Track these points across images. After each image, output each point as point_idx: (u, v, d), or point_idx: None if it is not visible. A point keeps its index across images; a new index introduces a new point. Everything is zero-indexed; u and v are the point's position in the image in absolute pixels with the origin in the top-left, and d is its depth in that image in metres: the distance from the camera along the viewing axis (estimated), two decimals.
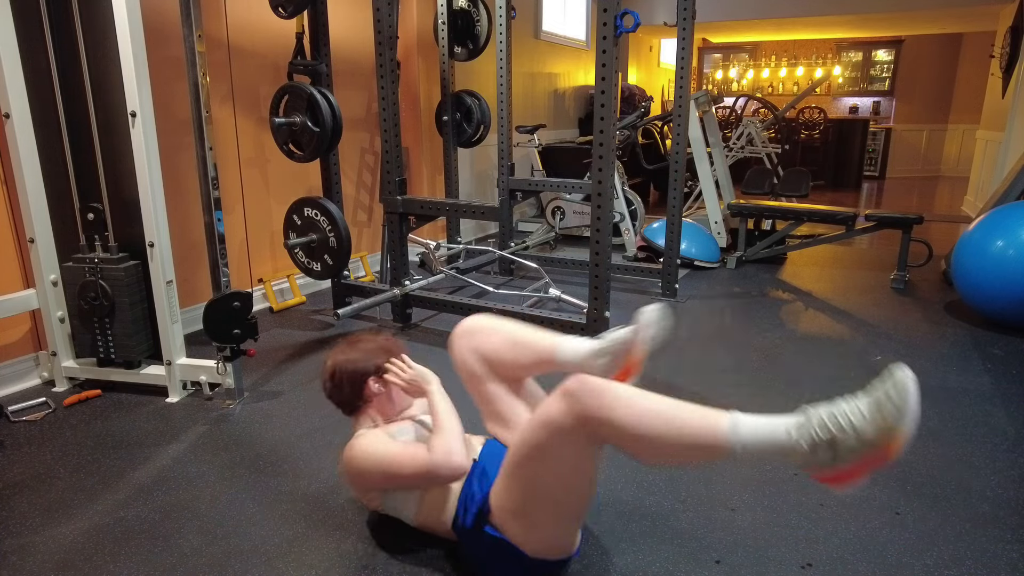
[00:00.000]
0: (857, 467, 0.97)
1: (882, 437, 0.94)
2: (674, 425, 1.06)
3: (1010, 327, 2.95)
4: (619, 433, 1.09)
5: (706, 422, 1.06)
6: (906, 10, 6.20)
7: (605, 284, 2.45)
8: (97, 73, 2.16)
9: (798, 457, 1.01)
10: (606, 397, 1.10)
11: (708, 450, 1.06)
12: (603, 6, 2.23)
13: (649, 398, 1.11)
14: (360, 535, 1.53)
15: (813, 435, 0.98)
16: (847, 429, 0.96)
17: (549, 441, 1.16)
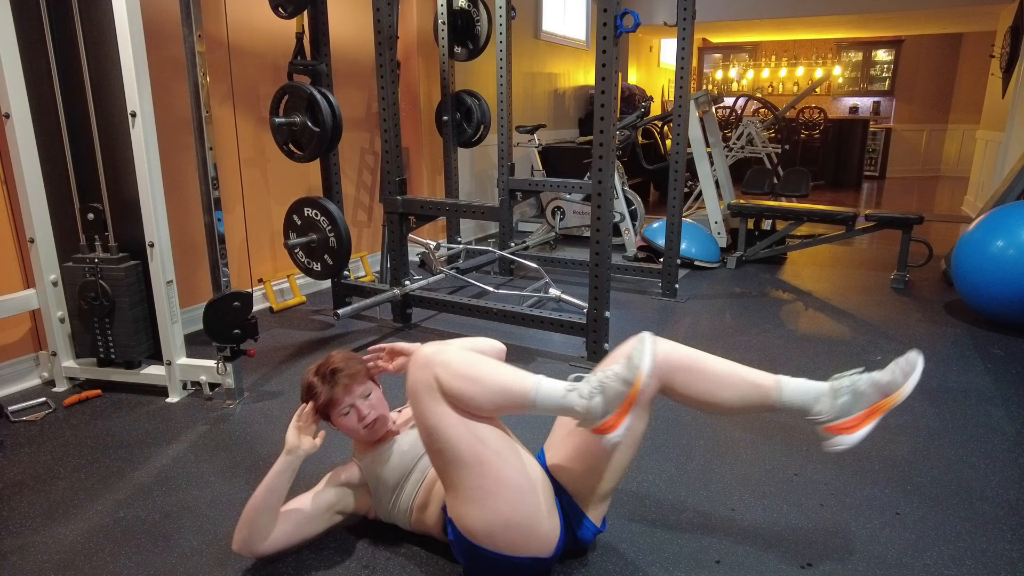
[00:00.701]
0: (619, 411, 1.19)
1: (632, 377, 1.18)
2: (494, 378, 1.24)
3: (1010, 327, 2.95)
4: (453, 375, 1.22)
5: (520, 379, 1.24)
6: (906, 10, 6.20)
7: (605, 284, 2.45)
8: (97, 73, 2.16)
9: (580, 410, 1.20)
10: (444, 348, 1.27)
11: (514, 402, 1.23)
12: (603, 6, 2.23)
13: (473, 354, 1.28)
14: (360, 535, 1.53)
15: (590, 385, 1.21)
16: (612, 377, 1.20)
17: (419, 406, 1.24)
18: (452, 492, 1.27)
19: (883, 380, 1.30)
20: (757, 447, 1.93)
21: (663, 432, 2.02)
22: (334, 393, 1.45)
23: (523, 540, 1.25)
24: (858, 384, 1.30)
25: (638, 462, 1.84)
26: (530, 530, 1.25)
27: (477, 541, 1.25)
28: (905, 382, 1.29)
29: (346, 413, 1.45)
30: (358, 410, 1.45)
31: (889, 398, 1.28)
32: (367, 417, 1.45)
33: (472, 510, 1.24)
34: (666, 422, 2.08)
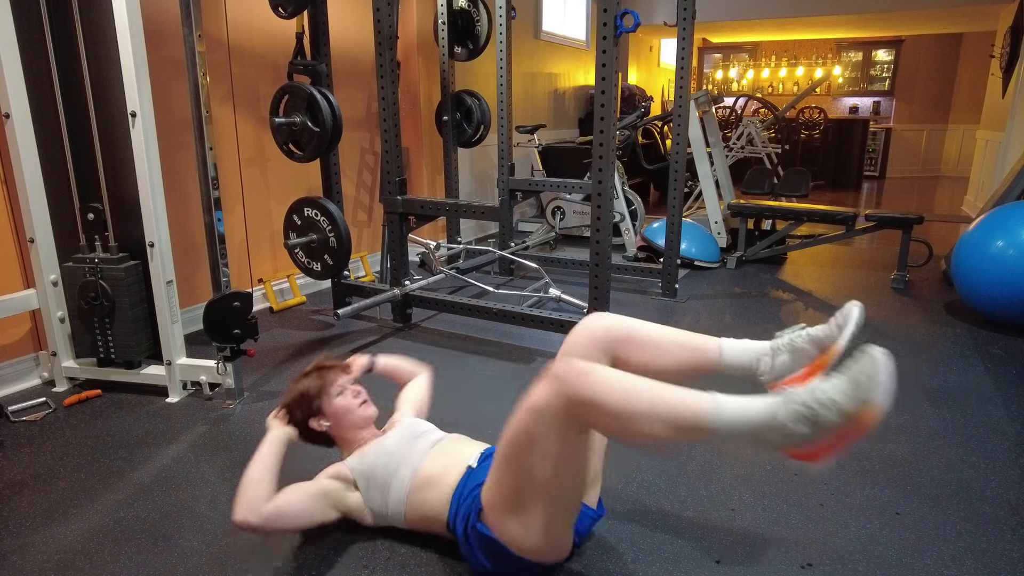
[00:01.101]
0: (833, 441, 1.02)
1: (858, 410, 0.99)
2: (658, 405, 1.07)
3: (1010, 327, 2.95)
4: (604, 413, 1.09)
5: (689, 402, 1.07)
6: (906, 10, 6.20)
7: (605, 284, 2.45)
8: (97, 73, 2.16)
9: (777, 434, 1.03)
10: (592, 376, 1.10)
11: (691, 430, 1.07)
12: (603, 6, 2.23)
13: (633, 379, 1.12)
14: (360, 535, 1.53)
15: (795, 410, 1.01)
16: (827, 403, 1.00)
17: (536, 427, 1.14)
18: (507, 510, 1.24)
19: (819, 335, 1.25)
20: None
21: None
22: (327, 377, 1.54)
23: (553, 553, 1.32)
24: (795, 341, 1.26)
25: (638, 462, 1.84)
26: (562, 545, 1.32)
27: (507, 544, 1.27)
28: (840, 335, 1.22)
29: (340, 393, 1.53)
30: (352, 390, 1.55)
31: (827, 353, 1.22)
32: (361, 394, 1.57)
33: (517, 529, 1.25)
34: None
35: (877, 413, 0.98)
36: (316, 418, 1.54)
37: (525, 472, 1.19)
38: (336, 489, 1.49)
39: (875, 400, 0.98)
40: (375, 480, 1.47)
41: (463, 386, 2.36)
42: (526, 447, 1.18)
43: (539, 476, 1.18)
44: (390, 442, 1.52)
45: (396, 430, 1.58)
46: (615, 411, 1.08)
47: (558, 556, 1.34)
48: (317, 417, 1.54)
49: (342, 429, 1.55)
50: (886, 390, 0.98)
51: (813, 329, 1.25)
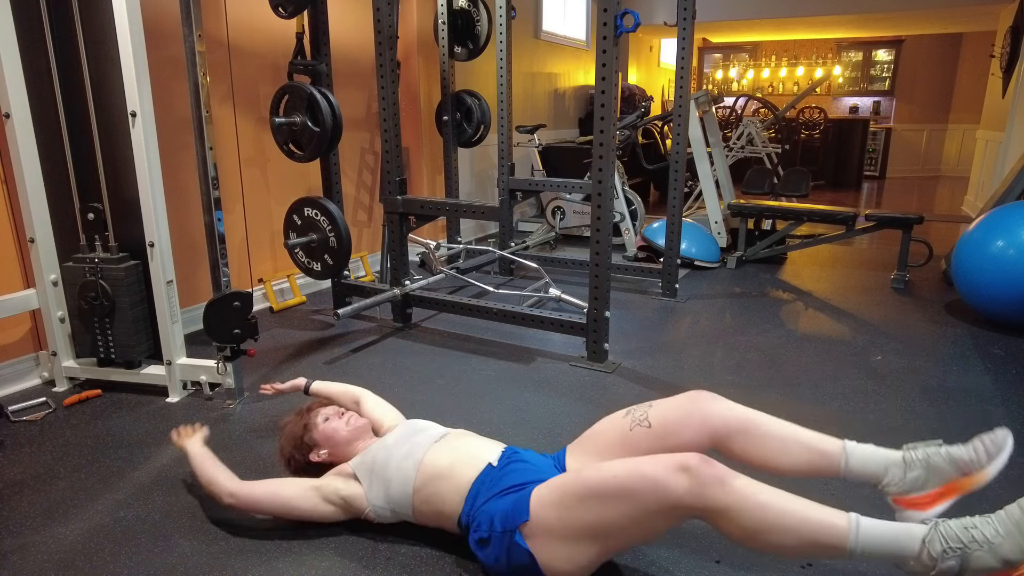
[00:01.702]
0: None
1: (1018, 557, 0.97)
2: (793, 522, 1.08)
3: (1010, 327, 2.95)
4: (735, 522, 1.11)
5: (827, 522, 1.07)
6: (906, 10, 6.20)
7: (605, 284, 2.45)
8: (97, 73, 2.16)
9: (922, 566, 1.02)
10: (730, 487, 1.11)
11: (824, 548, 1.08)
12: (603, 6, 2.23)
13: (768, 491, 1.12)
14: (361, 534, 1.53)
15: (947, 548, 1.00)
16: (984, 546, 0.99)
17: (646, 497, 1.13)
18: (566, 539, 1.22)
19: (963, 457, 1.18)
20: None
21: None
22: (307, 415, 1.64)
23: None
24: (933, 458, 1.19)
25: None
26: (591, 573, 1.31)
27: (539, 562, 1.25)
28: (989, 464, 1.15)
29: (325, 419, 1.62)
30: (335, 414, 1.64)
31: (968, 478, 1.15)
32: (345, 413, 1.65)
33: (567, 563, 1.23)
34: None
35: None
36: (313, 452, 1.61)
37: (606, 520, 1.18)
38: (332, 483, 1.51)
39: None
40: (376, 472, 1.47)
41: (463, 386, 2.36)
42: (621, 502, 1.16)
43: (617, 531, 1.18)
44: (390, 439, 1.55)
45: (395, 430, 1.60)
46: (748, 523, 1.09)
47: None
48: (314, 451, 1.60)
49: (339, 448, 1.60)
50: None
51: (954, 448, 1.19)
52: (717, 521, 1.13)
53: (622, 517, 1.16)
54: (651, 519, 1.15)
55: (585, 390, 2.33)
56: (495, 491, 1.36)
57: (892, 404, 2.22)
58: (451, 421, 1.99)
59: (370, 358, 2.64)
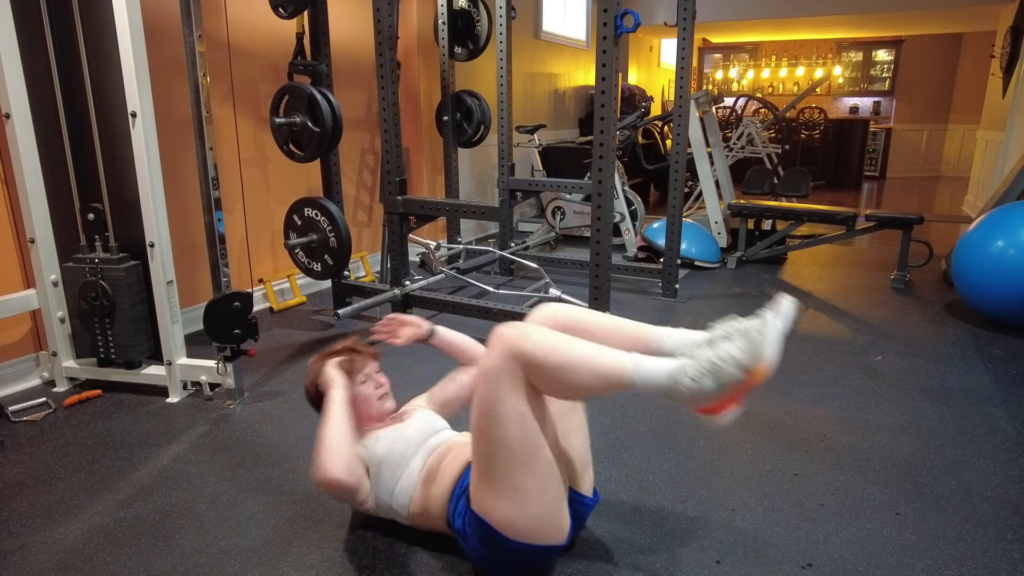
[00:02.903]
0: (732, 395, 1.13)
1: (753, 364, 1.11)
2: (588, 360, 1.19)
3: (1010, 327, 2.95)
4: (542, 367, 1.19)
5: (614, 359, 1.19)
6: (906, 10, 6.20)
7: (605, 284, 2.45)
8: (97, 73, 2.16)
9: (687, 389, 1.13)
10: (530, 333, 1.22)
11: (615, 383, 1.18)
12: (603, 6, 2.23)
13: (567, 338, 1.23)
14: (361, 535, 1.53)
15: (701, 366, 1.13)
16: (727, 360, 1.12)
17: (491, 391, 1.21)
18: (487, 484, 1.27)
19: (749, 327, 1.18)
20: (757, 447, 1.93)
21: (663, 432, 2.02)
22: (355, 362, 1.55)
23: (547, 533, 1.31)
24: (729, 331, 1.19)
25: (639, 462, 1.85)
26: (555, 524, 1.31)
27: (501, 530, 1.27)
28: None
29: (364, 381, 1.55)
30: (375, 380, 1.57)
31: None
32: (384, 385, 1.58)
33: (508, 507, 1.26)
34: (666, 422, 2.08)
35: (768, 368, 1.11)
36: None
37: (493, 440, 1.23)
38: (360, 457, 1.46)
39: (766, 355, 1.11)
40: (388, 465, 1.44)
41: None
42: (487, 415, 1.23)
43: (507, 441, 1.22)
44: (411, 431, 1.50)
45: (416, 420, 1.54)
46: (550, 364, 1.18)
47: (553, 536, 1.31)
48: None
49: (357, 417, 1.52)
50: (775, 347, 1.12)
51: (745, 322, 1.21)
52: (535, 374, 1.20)
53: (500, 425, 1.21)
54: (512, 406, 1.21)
55: None
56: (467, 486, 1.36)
57: (892, 404, 2.22)
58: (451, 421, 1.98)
59: None
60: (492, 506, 1.27)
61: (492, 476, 1.26)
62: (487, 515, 1.27)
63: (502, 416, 1.21)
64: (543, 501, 1.27)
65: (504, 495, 1.25)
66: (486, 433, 1.24)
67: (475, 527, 1.30)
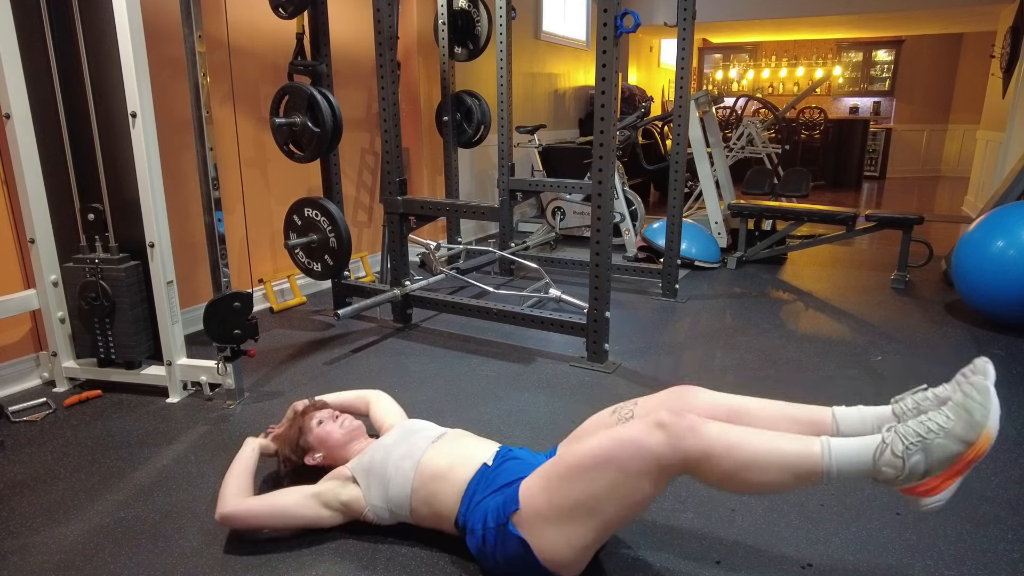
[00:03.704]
0: (950, 471, 1.03)
1: (974, 434, 1.00)
2: (768, 456, 1.10)
3: (1010, 327, 2.95)
4: (716, 465, 1.11)
5: (800, 447, 1.09)
6: (906, 10, 6.20)
7: (605, 284, 2.45)
8: (97, 73, 2.16)
9: (893, 468, 1.04)
10: (705, 430, 1.13)
11: (802, 476, 1.09)
12: (603, 6, 2.23)
13: (741, 431, 1.14)
14: (361, 535, 1.53)
15: (907, 442, 1.03)
16: (938, 432, 1.02)
17: (629, 462, 1.15)
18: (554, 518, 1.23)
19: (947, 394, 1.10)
20: None
21: None
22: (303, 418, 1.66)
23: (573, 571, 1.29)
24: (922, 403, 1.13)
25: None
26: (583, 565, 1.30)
27: (540, 558, 1.25)
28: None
29: (319, 423, 1.64)
30: (330, 416, 1.65)
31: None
32: (339, 416, 1.66)
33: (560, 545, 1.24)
34: None
35: (992, 435, 1.00)
36: (308, 455, 1.63)
37: (594, 494, 1.18)
38: (331, 488, 1.51)
39: (990, 423, 1.00)
40: (375, 473, 1.48)
41: (463, 386, 2.36)
42: (604, 471, 1.17)
43: (605, 502, 1.18)
44: (388, 439, 1.55)
45: (393, 430, 1.61)
46: (727, 464, 1.11)
47: (575, 573, 1.31)
48: (309, 454, 1.63)
49: (334, 450, 1.62)
50: (997, 411, 1.01)
51: (938, 388, 1.15)
52: (699, 470, 1.14)
53: (607, 485, 1.17)
54: (635, 482, 1.15)
55: (585, 390, 2.33)
56: (489, 490, 1.36)
57: None
58: (451, 421, 1.99)
59: (370, 359, 2.63)
60: (542, 534, 1.24)
61: (565, 515, 1.22)
62: (531, 537, 1.25)
63: (619, 484, 1.16)
64: (591, 551, 1.27)
65: (563, 535, 1.23)
66: (590, 482, 1.18)
67: (506, 539, 1.29)
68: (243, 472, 1.57)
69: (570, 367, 2.54)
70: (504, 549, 1.29)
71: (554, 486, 1.23)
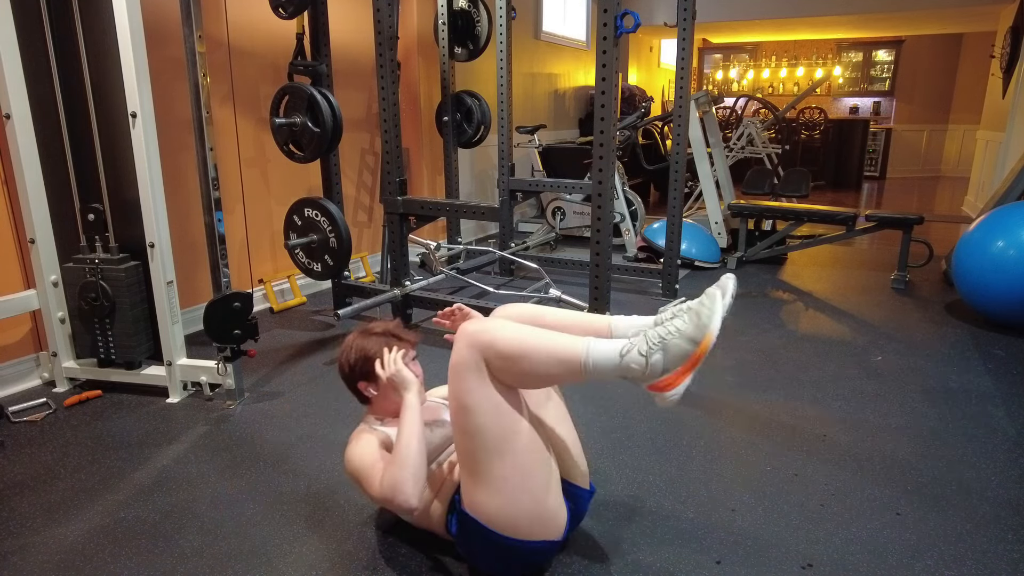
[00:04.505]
0: (683, 369, 1.18)
1: (700, 336, 1.16)
2: (545, 347, 1.22)
3: (1010, 327, 2.95)
4: (503, 356, 1.21)
5: (569, 344, 1.22)
6: (906, 10, 6.20)
7: (605, 284, 2.45)
8: (97, 73, 2.16)
9: (639, 365, 1.17)
10: (490, 325, 1.25)
11: (566, 365, 1.21)
12: (603, 6, 2.24)
13: (527, 328, 1.26)
14: (361, 535, 1.53)
15: (650, 343, 1.18)
16: (674, 333, 1.17)
17: (461, 385, 1.23)
18: (474, 479, 1.27)
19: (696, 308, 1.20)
20: (757, 447, 1.93)
21: (663, 433, 2.02)
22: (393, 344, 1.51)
23: (540, 527, 1.30)
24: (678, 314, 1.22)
25: (639, 462, 1.84)
26: (549, 517, 1.31)
27: (494, 528, 1.26)
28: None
29: (415, 358, 1.54)
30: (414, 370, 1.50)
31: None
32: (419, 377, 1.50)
33: (494, 499, 1.25)
34: (666, 423, 2.08)
35: (713, 336, 1.16)
36: (367, 383, 1.50)
37: (470, 433, 1.24)
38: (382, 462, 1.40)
39: (712, 326, 1.15)
40: None
41: None
42: (460, 408, 1.24)
43: (482, 430, 1.23)
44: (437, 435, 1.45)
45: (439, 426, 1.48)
46: (510, 351, 1.21)
47: (549, 531, 1.30)
48: (369, 382, 1.50)
49: (387, 403, 1.50)
50: (719, 315, 1.16)
51: (693, 301, 1.23)
52: (497, 364, 1.22)
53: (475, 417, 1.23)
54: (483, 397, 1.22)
55: (585, 390, 2.33)
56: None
57: (893, 405, 2.22)
58: None
59: None
60: (481, 502, 1.26)
61: (475, 470, 1.26)
62: (478, 513, 1.27)
63: (473, 405, 1.23)
64: (529, 489, 1.26)
65: (490, 488, 1.25)
66: (462, 427, 1.25)
67: (469, 527, 1.30)
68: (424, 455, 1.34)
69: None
70: (472, 535, 1.30)
71: (460, 455, 1.30)
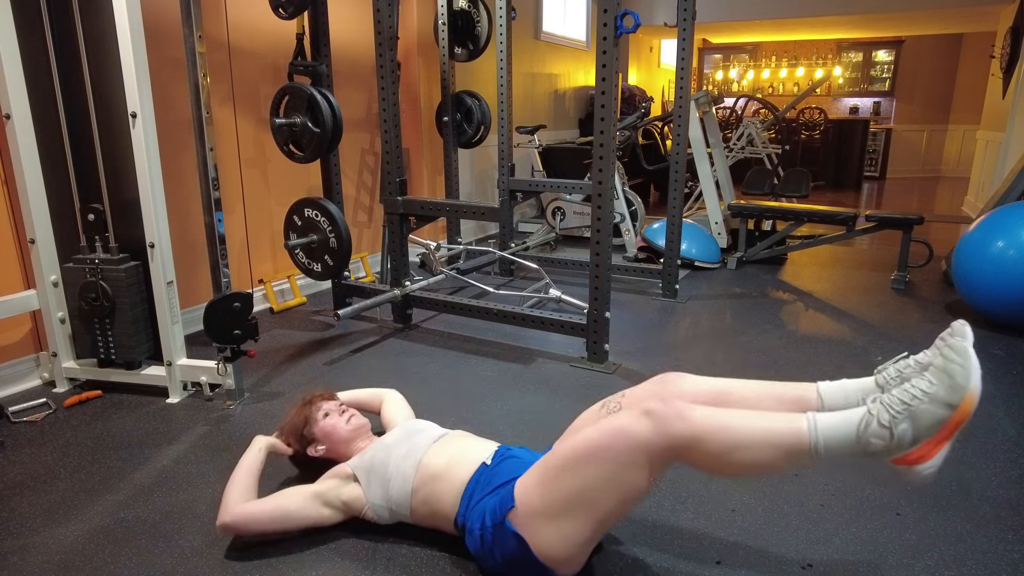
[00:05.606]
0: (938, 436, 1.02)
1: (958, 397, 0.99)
2: (756, 435, 1.09)
3: (1010, 327, 2.95)
4: (704, 449, 1.11)
5: (787, 424, 1.08)
6: (906, 10, 6.20)
7: (605, 285, 2.45)
8: (97, 73, 2.16)
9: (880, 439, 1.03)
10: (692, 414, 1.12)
11: (790, 452, 1.08)
12: (603, 6, 2.23)
13: (726, 412, 1.13)
14: (361, 536, 1.53)
15: (893, 410, 1.01)
16: (922, 397, 1.00)
17: (620, 453, 1.14)
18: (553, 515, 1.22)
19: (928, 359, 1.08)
20: None
21: None
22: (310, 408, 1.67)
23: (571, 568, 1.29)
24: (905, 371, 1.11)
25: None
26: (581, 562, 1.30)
27: (537, 555, 1.25)
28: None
29: (326, 415, 1.65)
30: (337, 410, 1.67)
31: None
32: (347, 411, 1.67)
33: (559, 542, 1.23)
34: None
35: (975, 396, 0.99)
36: (311, 446, 1.64)
37: (587, 487, 1.18)
38: (332, 487, 1.51)
39: (972, 384, 0.98)
40: (375, 472, 1.48)
41: (463, 386, 2.36)
42: (595, 462, 1.17)
43: (599, 495, 1.18)
44: (389, 439, 1.56)
45: (395, 430, 1.61)
46: (715, 446, 1.09)
47: (574, 570, 1.31)
48: (312, 445, 1.64)
49: (337, 445, 1.63)
50: (978, 371, 0.99)
51: (919, 355, 1.12)
52: (689, 455, 1.13)
53: (599, 478, 1.17)
54: (627, 472, 1.15)
55: (585, 390, 2.33)
56: (488, 489, 1.36)
57: None
58: (451, 421, 1.99)
59: (370, 359, 2.63)
60: (538, 530, 1.24)
61: (559, 510, 1.21)
62: (528, 534, 1.25)
63: (612, 476, 1.15)
64: (589, 546, 1.27)
65: (560, 530, 1.22)
66: (583, 475, 1.18)
67: (504, 536, 1.29)
68: (247, 476, 1.54)
69: (570, 367, 2.54)
70: (503, 548, 1.29)
71: (548, 482, 1.23)
